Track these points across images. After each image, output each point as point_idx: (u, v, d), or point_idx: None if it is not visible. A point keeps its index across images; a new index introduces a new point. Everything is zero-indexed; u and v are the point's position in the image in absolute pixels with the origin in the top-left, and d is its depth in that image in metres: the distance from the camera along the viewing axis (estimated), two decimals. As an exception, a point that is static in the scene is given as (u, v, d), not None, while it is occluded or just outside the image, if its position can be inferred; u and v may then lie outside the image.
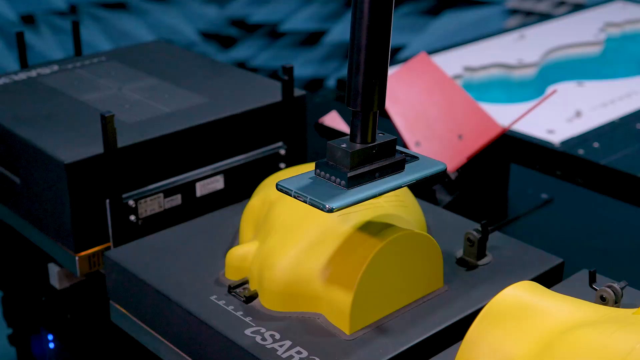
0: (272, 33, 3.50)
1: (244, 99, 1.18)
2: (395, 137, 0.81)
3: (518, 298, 0.77)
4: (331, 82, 3.27)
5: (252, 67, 3.49)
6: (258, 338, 0.86)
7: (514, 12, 2.99)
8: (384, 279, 0.87)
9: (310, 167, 1.01)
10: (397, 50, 3.06)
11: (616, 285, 0.88)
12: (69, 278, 1.14)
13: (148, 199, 1.07)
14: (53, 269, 1.13)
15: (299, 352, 0.84)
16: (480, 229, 0.97)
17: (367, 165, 0.79)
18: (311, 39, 3.41)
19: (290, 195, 0.78)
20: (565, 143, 1.54)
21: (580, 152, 1.51)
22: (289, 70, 1.14)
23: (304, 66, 3.36)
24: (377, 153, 0.79)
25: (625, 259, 1.21)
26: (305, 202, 0.76)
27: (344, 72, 1.88)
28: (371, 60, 0.75)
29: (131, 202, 1.06)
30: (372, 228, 0.88)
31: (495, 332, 0.75)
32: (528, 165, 1.52)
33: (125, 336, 1.04)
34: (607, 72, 1.95)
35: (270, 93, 1.20)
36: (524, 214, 1.32)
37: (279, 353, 0.84)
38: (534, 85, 1.87)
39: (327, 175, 0.79)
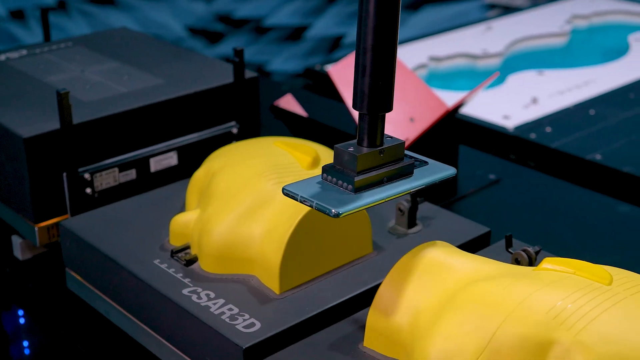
0: (258, 28, 3.56)
1: (198, 81, 1.24)
2: (403, 141, 0.79)
3: (428, 255, 0.83)
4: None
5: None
6: (194, 297, 0.92)
7: (492, 6, 3.05)
8: (312, 243, 0.93)
9: (261, 141, 1.08)
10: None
11: (530, 249, 0.94)
12: (31, 249, 1.20)
13: (103, 172, 1.14)
14: (16, 241, 1.19)
15: (230, 309, 0.90)
16: (410, 199, 1.03)
17: (375, 169, 0.77)
18: (296, 33, 3.47)
19: (296, 199, 0.76)
20: (519, 128, 1.60)
21: (533, 136, 1.57)
22: (239, 53, 1.21)
23: (289, 60, 3.42)
24: (384, 157, 0.77)
25: (568, 235, 1.27)
26: (312, 207, 0.74)
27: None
28: (378, 62, 0.74)
29: (87, 176, 1.12)
30: (303, 195, 0.94)
31: (406, 285, 0.82)
32: (480, 149, 1.57)
33: (81, 302, 1.10)
34: (571, 62, 2.01)
35: (224, 75, 1.26)
36: (470, 192, 1.38)
37: (212, 310, 0.90)
38: (497, 74, 1.93)
39: (334, 179, 0.76)
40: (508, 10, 2.74)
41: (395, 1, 0.73)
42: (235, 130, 1.25)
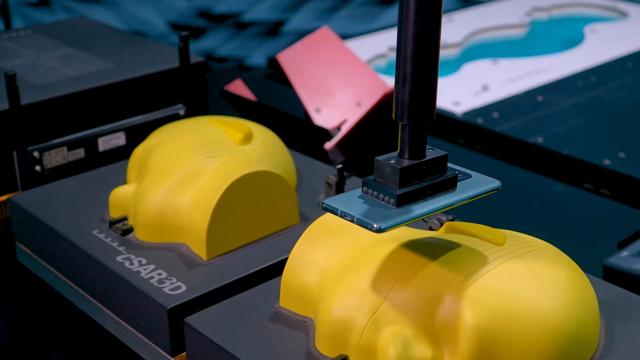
0: (238, 23, 3.62)
1: (146, 65, 1.31)
2: (446, 153, 0.76)
3: (337, 219, 0.88)
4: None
5: (219, 56, 3.61)
6: (127, 263, 0.98)
7: (465, 1, 3.11)
8: (239, 212, 0.99)
9: (198, 120, 1.13)
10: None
11: (443, 218, 1.00)
12: (-15, 226, 1.26)
13: (52, 151, 1.20)
14: (-30, 218, 1.25)
15: (159, 274, 0.96)
16: (337, 173, 1.09)
17: (417, 182, 0.74)
18: (275, 29, 3.52)
19: (336, 214, 0.74)
20: (467, 114, 1.66)
21: (480, 121, 1.63)
22: (185, 38, 1.27)
23: (268, 55, 3.47)
24: (427, 169, 0.74)
25: (505, 211, 1.32)
26: (352, 222, 0.72)
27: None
28: (419, 70, 0.70)
29: (36, 154, 1.18)
30: (230, 167, 1.00)
31: (315, 247, 0.87)
32: (430, 134, 1.62)
33: (30, 274, 1.16)
34: (527, 52, 2.07)
35: (171, 60, 1.32)
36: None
37: (142, 275, 0.96)
38: (453, 64, 1.99)
39: (375, 193, 0.74)
40: (469, 2, 2.79)
41: (437, 8, 0.69)
42: (182, 112, 1.31)
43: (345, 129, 1.40)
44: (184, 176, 1.02)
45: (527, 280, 0.78)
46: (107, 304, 1.01)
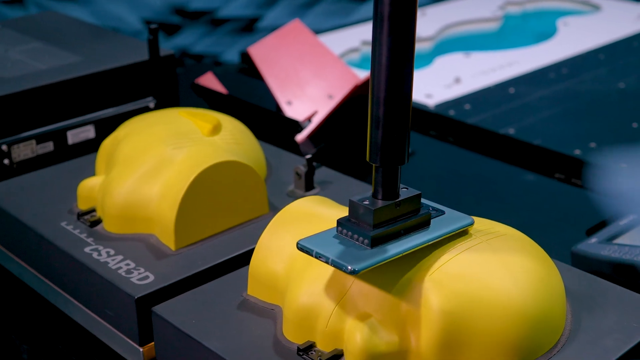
0: (213, 20, 3.61)
1: (115, 58, 1.30)
2: (419, 192, 0.77)
3: (304, 207, 0.89)
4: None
5: (194, 53, 3.60)
6: (95, 254, 0.98)
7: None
8: (207, 202, 0.99)
9: (167, 111, 1.13)
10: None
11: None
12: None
13: (21, 144, 1.19)
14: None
15: (127, 264, 0.95)
16: (306, 163, 1.09)
17: (392, 222, 0.75)
18: (251, 25, 3.52)
19: (311, 255, 0.74)
20: (439, 106, 1.67)
21: (452, 113, 1.63)
22: (154, 31, 1.26)
23: (244, 51, 3.46)
24: (401, 209, 0.76)
25: (476, 200, 1.33)
26: (327, 263, 0.73)
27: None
28: (392, 114, 0.71)
29: (4, 147, 1.18)
30: (198, 157, 1.00)
31: (283, 235, 0.87)
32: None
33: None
34: (500, 45, 2.08)
35: (140, 53, 1.32)
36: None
37: (110, 265, 0.95)
38: (426, 57, 1.99)
39: (350, 233, 0.75)
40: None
41: (409, 53, 0.70)
42: (152, 105, 1.30)
43: (316, 121, 1.40)
44: (152, 167, 1.01)
45: (493, 265, 0.78)
46: (76, 296, 1.00)
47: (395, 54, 0.69)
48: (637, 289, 0.89)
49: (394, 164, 0.74)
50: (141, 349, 0.92)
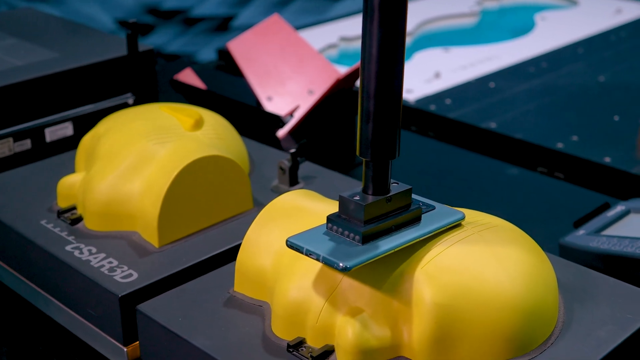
0: (187, 19, 3.59)
1: (93, 54, 1.28)
2: (410, 187, 0.76)
3: (290, 202, 0.87)
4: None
5: (168, 53, 3.58)
6: (76, 252, 0.95)
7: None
8: (190, 198, 0.97)
9: (147, 106, 1.11)
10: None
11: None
12: None
13: (-3, 142, 1.17)
14: None
15: (110, 262, 0.93)
16: (290, 158, 1.07)
17: (382, 218, 0.74)
18: (224, 24, 3.50)
19: (301, 252, 0.73)
20: (420, 101, 1.66)
21: (433, 107, 1.62)
22: (132, 26, 1.24)
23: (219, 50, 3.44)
24: (391, 204, 0.75)
25: (459, 194, 1.32)
26: (318, 260, 0.72)
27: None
28: (382, 108, 0.70)
29: (-20, 145, 1.15)
30: (181, 152, 0.98)
31: (269, 230, 0.86)
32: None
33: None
34: (479, 40, 2.07)
35: (118, 48, 1.30)
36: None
37: (92, 263, 0.93)
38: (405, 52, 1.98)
39: (340, 230, 0.74)
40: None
41: (400, 46, 0.69)
42: (131, 102, 1.28)
43: (297, 117, 1.38)
44: (134, 163, 0.99)
45: (486, 257, 0.77)
46: (57, 296, 0.98)
47: (386, 47, 0.68)
48: (625, 280, 0.88)
49: (385, 158, 0.73)
50: (125, 349, 0.90)
